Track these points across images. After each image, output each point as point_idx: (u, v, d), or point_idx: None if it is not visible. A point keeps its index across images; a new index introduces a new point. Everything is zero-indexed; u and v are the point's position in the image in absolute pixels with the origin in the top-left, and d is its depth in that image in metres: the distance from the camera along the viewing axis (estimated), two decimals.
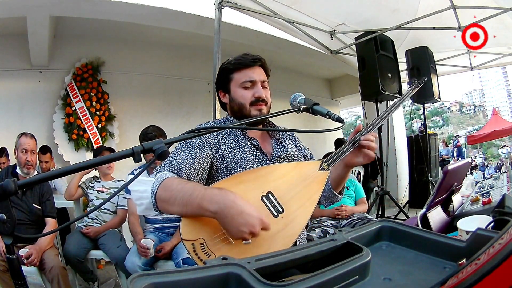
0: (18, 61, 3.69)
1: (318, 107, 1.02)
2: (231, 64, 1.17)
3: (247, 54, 1.18)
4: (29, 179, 0.62)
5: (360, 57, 3.45)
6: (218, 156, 1.08)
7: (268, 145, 1.20)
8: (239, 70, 1.16)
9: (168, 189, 0.93)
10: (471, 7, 2.85)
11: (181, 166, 1.00)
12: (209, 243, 0.86)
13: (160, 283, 0.43)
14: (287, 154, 1.19)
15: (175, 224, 2.26)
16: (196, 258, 0.85)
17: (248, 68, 1.16)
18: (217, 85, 1.24)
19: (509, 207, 0.99)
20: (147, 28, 3.83)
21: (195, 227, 0.88)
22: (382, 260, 0.59)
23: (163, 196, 0.93)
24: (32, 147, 2.22)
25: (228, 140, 1.12)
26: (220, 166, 1.08)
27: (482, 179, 2.36)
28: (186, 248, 0.86)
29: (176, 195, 0.90)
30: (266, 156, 1.14)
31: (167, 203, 0.92)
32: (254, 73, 1.16)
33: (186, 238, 0.87)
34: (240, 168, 1.08)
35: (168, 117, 4.38)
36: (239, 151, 1.11)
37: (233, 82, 1.17)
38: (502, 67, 17.08)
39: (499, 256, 0.34)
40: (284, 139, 1.25)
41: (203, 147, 1.07)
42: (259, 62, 1.17)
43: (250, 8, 2.88)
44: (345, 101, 7.54)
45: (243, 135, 1.15)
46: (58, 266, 2.05)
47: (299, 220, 0.95)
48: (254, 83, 1.15)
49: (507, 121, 14.72)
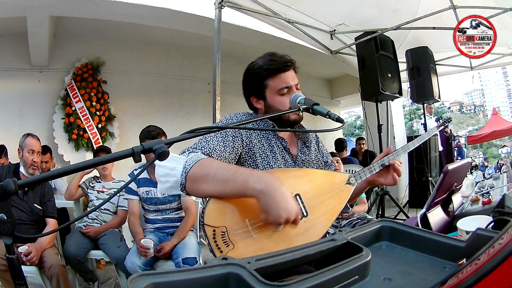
0: (18, 61, 3.68)
1: (318, 107, 1.02)
2: (264, 70, 1.13)
3: (274, 55, 1.14)
4: (29, 179, 0.62)
5: (360, 57, 3.45)
6: (248, 149, 1.09)
7: (294, 147, 1.21)
8: (273, 76, 1.12)
9: (206, 167, 0.91)
10: (471, 7, 2.85)
11: (212, 151, 1.00)
12: (230, 233, 0.86)
13: (160, 283, 0.43)
14: (312, 158, 1.21)
15: (175, 224, 2.26)
16: (214, 245, 0.85)
17: (282, 72, 1.12)
18: (248, 90, 1.19)
19: (509, 207, 0.99)
20: (147, 28, 3.83)
21: (221, 214, 0.88)
22: (382, 260, 0.59)
23: (199, 173, 0.90)
24: (38, 148, 2.24)
25: (260, 135, 1.13)
26: (248, 160, 1.09)
27: (482, 179, 2.36)
28: (206, 233, 0.86)
29: (216, 172, 0.89)
30: (292, 158, 1.16)
31: (202, 181, 0.90)
32: (289, 78, 1.12)
33: (209, 224, 0.86)
34: (268, 166, 1.09)
35: (168, 117, 4.38)
36: (269, 148, 1.12)
37: (268, 89, 1.13)
38: (502, 67, 17.08)
39: (499, 256, 0.34)
40: (310, 143, 1.25)
41: (235, 137, 1.06)
42: (291, 65, 1.14)
43: (250, 8, 2.89)
44: (345, 101, 7.54)
45: (273, 134, 1.15)
46: (57, 264, 2.05)
47: (319, 228, 0.97)
48: (290, 88, 1.13)
49: (507, 121, 14.73)
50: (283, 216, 0.82)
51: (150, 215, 2.28)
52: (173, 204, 2.25)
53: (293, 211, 0.84)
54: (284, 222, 0.83)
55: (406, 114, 6.45)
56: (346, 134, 22.20)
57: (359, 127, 31.92)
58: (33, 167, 2.19)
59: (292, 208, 0.84)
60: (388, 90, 3.28)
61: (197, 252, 2.09)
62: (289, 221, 0.84)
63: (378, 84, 3.17)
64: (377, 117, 3.51)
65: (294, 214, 0.84)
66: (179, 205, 2.27)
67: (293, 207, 0.84)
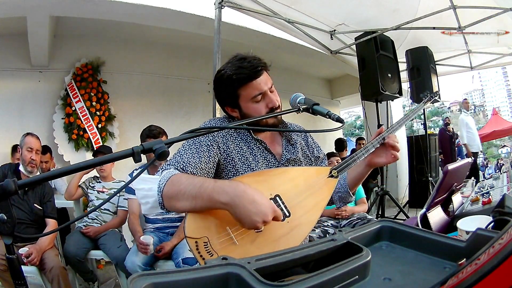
0: (18, 61, 3.68)
1: (318, 107, 1.02)
2: (234, 80, 1.05)
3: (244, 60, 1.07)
4: (29, 179, 0.62)
5: (360, 57, 3.45)
6: (226, 155, 1.06)
7: (278, 146, 1.17)
8: (244, 85, 1.06)
9: (176, 184, 0.91)
10: (471, 7, 2.85)
11: (187, 165, 0.99)
12: (213, 243, 0.86)
13: (160, 283, 0.43)
14: (297, 156, 1.17)
15: (175, 224, 2.26)
16: (199, 257, 0.85)
17: (253, 80, 1.05)
18: (222, 100, 1.14)
19: (509, 207, 0.99)
20: (147, 28, 3.83)
21: (200, 225, 0.88)
22: (382, 260, 0.59)
23: (171, 192, 0.91)
24: (37, 146, 2.25)
25: (237, 140, 1.10)
26: (228, 166, 1.06)
27: (482, 179, 2.36)
28: (189, 245, 0.86)
29: (185, 189, 0.89)
30: (275, 158, 1.13)
31: (175, 199, 0.91)
32: (261, 83, 1.06)
33: (190, 236, 0.86)
34: (249, 169, 1.06)
35: (168, 117, 4.37)
36: (248, 151, 1.09)
37: (241, 98, 1.08)
38: (502, 67, 17.06)
39: (499, 256, 0.34)
40: (295, 141, 1.21)
41: (210, 145, 1.04)
42: (261, 68, 1.07)
43: (250, 8, 2.88)
44: (345, 101, 7.54)
45: (251, 136, 1.12)
46: (58, 266, 2.05)
47: (304, 226, 0.95)
48: (264, 94, 1.08)
49: (507, 121, 14.73)
50: (258, 220, 0.82)
51: (150, 214, 2.28)
52: None
53: (267, 211, 0.83)
54: (262, 225, 0.83)
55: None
56: (346, 134, 22.19)
57: (359, 127, 31.91)
58: (31, 165, 2.19)
59: (264, 208, 0.83)
60: (388, 90, 3.28)
61: None
62: (267, 222, 0.83)
63: (378, 84, 3.17)
64: (377, 117, 3.51)
65: (270, 214, 0.83)
66: None
67: (266, 207, 0.83)
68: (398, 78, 3.50)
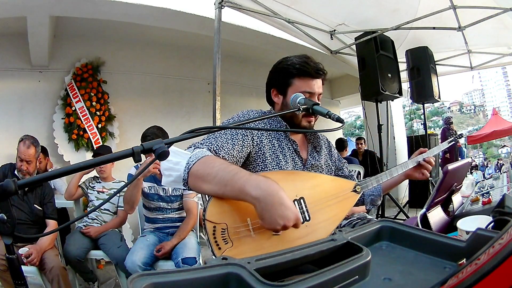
0: (18, 61, 3.68)
1: (318, 107, 1.02)
2: (295, 69, 1.12)
3: (309, 59, 1.14)
4: (29, 179, 0.62)
5: (360, 57, 3.45)
6: (258, 149, 1.08)
7: (305, 151, 1.21)
8: (302, 77, 1.12)
9: (209, 165, 0.90)
10: (471, 7, 2.85)
11: (220, 149, 0.99)
12: (230, 230, 0.86)
13: (160, 283, 0.43)
14: (321, 163, 1.21)
15: (176, 224, 2.26)
16: (213, 241, 0.84)
17: (311, 78, 1.12)
18: (272, 82, 1.19)
19: (509, 207, 0.99)
20: (147, 28, 3.83)
21: (222, 211, 0.88)
22: (382, 260, 0.59)
23: (201, 171, 0.89)
24: (27, 157, 2.14)
25: (271, 135, 1.13)
26: (258, 159, 1.08)
27: (482, 179, 2.36)
28: (207, 229, 0.85)
29: (217, 173, 0.87)
30: (301, 161, 1.16)
31: (203, 180, 0.89)
32: (315, 85, 1.13)
33: (210, 220, 0.86)
34: (277, 166, 1.08)
35: (168, 117, 4.37)
36: (279, 149, 1.12)
37: (292, 88, 1.13)
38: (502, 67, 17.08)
39: (499, 256, 0.34)
40: (320, 147, 1.25)
41: (245, 135, 1.05)
42: (322, 75, 1.14)
43: (250, 8, 2.88)
44: (345, 101, 7.54)
45: (285, 135, 1.15)
46: (58, 266, 2.05)
47: (321, 233, 0.96)
48: (312, 95, 1.13)
49: (507, 121, 14.73)
50: (280, 223, 0.81)
51: (151, 214, 2.28)
52: (174, 204, 2.25)
53: (291, 217, 0.82)
54: (281, 229, 0.82)
55: (406, 114, 6.46)
56: (346, 134, 22.21)
57: (359, 127, 31.94)
58: (22, 173, 2.16)
59: (290, 214, 0.82)
60: (388, 90, 3.28)
61: (196, 252, 2.09)
62: (286, 227, 0.82)
63: (378, 84, 3.17)
64: (377, 117, 3.51)
65: (293, 220, 0.83)
66: (181, 205, 2.27)
67: (291, 213, 0.82)
68: (398, 78, 3.50)
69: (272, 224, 0.81)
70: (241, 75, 5.14)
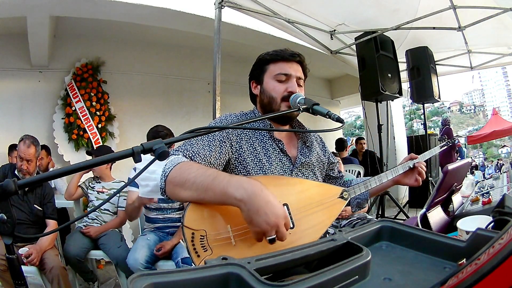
0: (18, 61, 3.68)
1: (318, 107, 1.01)
2: (268, 55, 1.14)
3: (286, 49, 1.14)
4: (29, 179, 0.62)
5: (360, 57, 3.45)
6: (238, 154, 1.03)
7: (293, 148, 1.16)
8: (275, 62, 1.12)
9: (186, 171, 0.86)
10: (471, 7, 2.85)
11: (196, 155, 0.95)
12: (210, 238, 0.82)
13: (160, 283, 0.43)
14: (312, 160, 1.15)
15: (176, 224, 2.26)
16: (192, 249, 0.81)
17: (285, 61, 1.12)
18: (251, 75, 1.20)
19: (509, 207, 0.99)
20: (147, 28, 3.83)
21: (201, 217, 0.84)
22: (382, 260, 0.59)
23: (178, 178, 0.86)
24: (27, 156, 2.15)
25: (252, 139, 1.07)
26: (239, 166, 1.03)
27: (482, 179, 2.36)
28: (185, 235, 0.82)
29: (195, 179, 0.83)
30: (290, 160, 1.10)
31: (181, 187, 0.85)
32: (290, 68, 1.11)
33: (188, 226, 0.82)
34: (261, 171, 1.03)
35: (168, 117, 4.37)
36: (262, 152, 1.06)
37: (267, 73, 1.13)
38: (502, 67, 17.08)
39: (499, 256, 0.34)
40: (311, 142, 1.20)
41: (223, 141, 1.01)
42: (297, 57, 1.13)
43: (250, 8, 2.88)
44: (345, 101, 7.54)
45: (269, 135, 1.10)
46: (58, 266, 2.05)
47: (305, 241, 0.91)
48: (289, 77, 1.10)
49: (507, 121, 14.74)
50: (270, 222, 0.76)
51: (151, 214, 2.28)
52: (175, 204, 2.25)
53: (281, 214, 0.78)
54: (273, 228, 0.77)
55: (406, 114, 6.46)
56: (346, 134, 22.21)
57: (359, 127, 31.94)
58: (22, 172, 2.16)
59: (279, 211, 0.78)
60: (388, 90, 3.28)
61: None
62: (278, 226, 0.77)
63: (378, 84, 3.17)
64: (377, 117, 3.51)
65: (283, 218, 0.78)
66: (181, 205, 2.27)
67: (279, 209, 0.78)
68: (398, 78, 3.50)
69: (262, 225, 0.76)
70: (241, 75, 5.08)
